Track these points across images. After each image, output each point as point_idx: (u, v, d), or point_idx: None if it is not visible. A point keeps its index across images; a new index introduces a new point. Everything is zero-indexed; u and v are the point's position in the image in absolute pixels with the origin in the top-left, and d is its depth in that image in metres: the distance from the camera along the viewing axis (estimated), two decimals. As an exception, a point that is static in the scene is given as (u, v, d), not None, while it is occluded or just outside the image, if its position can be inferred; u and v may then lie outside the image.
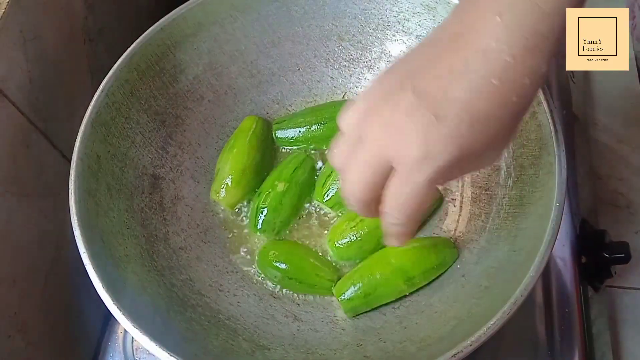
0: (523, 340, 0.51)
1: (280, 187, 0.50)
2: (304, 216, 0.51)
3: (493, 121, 0.30)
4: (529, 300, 0.42)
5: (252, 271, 0.49)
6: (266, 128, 0.54)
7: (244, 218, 0.51)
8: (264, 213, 0.49)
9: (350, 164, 0.33)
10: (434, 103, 0.29)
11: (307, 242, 0.50)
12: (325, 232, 0.50)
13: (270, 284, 0.48)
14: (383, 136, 0.31)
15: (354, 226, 0.48)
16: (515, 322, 0.38)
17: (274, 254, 0.48)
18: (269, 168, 0.53)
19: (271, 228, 0.50)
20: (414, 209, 0.32)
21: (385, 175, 0.32)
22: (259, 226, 0.49)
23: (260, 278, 0.49)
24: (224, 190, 0.50)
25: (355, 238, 0.47)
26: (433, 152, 0.30)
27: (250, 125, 0.53)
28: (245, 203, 0.52)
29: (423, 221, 0.50)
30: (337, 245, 0.48)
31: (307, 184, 0.51)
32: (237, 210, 0.52)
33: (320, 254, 0.49)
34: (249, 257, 0.50)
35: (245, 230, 0.51)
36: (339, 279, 0.47)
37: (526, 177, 0.45)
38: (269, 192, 0.50)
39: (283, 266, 0.47)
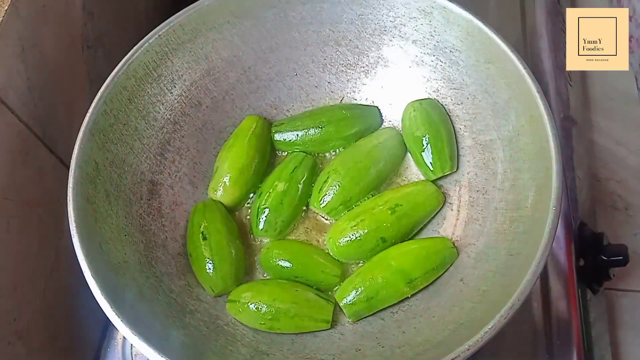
0: (522, 344, 0.51)
1: (280, 187, 0.50)
2: (305, 216, 0.51)
3: None
4: (527, 303, 0.42)
5: (251, 274, 0.49)
6: (266, 128, 0.54)
7: (244, 221, 0.52)
8: (265, 213, 0.49)
9: None
10: None
11: (308, 242, 0.50)
12: (326, 231, 0.50)
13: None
14: None
15: (355, 226, 0.48)
16: (514, 326, 0.38)
17: (278, 253, 0.48)
18: (268, 168, 0.53)
19: (273, 228, 0.50)
20: None
21: None
22: (261, 227, 0.50)
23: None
24: (221, 188, 0.50)
25: (355, 237, 0.48)
26: None
27: (250, 125, 0.53)
28: (244, 207, 0.52)
29: (422, 225, 0.50)
30: (337, 244, 0.48)
31: (307, 184, 0.51)
32: (236, 213, 0.52)
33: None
34: (249, 259, 0.50)
35: (245, 233, 0.51)
36: (343, 274, 0.48)
37: (523, 181, 0.45)
38: (270, 193, 0.50)
39: (288, 265, 0.48)
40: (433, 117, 0.51)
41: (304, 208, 0.52)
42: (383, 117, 0.55)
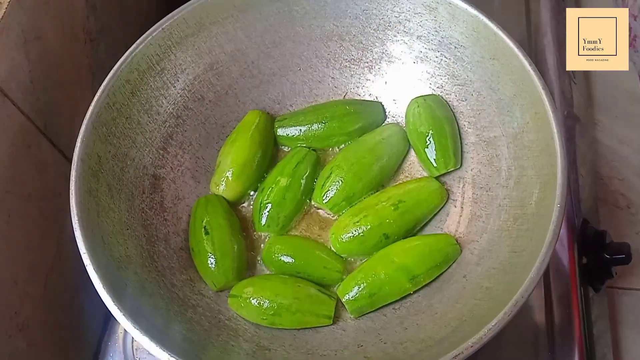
0: (524, 341, 0.51)
1: (283, 182, 0.50)
2: (307, 211, 0.51)
3: None
4: (529, 300, 0.42)
5: (253, 270, 0.49)
6: (269, 123, 0.54)
7: (246, 216, 0.51)
8: (268, 209, 0.49)
9: None
10: None
11: (311, 237, 0.50)
12: (328, 227, 0.50)
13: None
14: None
15: (357, 222, 0.48)
16: (516, 323, 0.38)
17: (280, 249, 0.48)
18: (271, 163, 0.53)
19: (275, 223, 0.49)
20: None
21: None
22: (263, 222, 0.49)
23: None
24: (224, 183, 0.50)
25: (357, 233, 0.47)
26: None
27: (253, 120, 0.53)
28: (246, 202, 0.52)
29: (425, 221, 0.50)
30: (339, 239, 0.48)
31: (310, 179, 0.51)
32: (239, 208, 0.52)
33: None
34: (251, 254, 0.50)
35: (247, 228, 0.51)
36: (345, 270, 0.48)
37: (527, 178, 0.45)
38: (272, 188, 0.50)
39: (290, 261, 0.47)
40: (437, 113, 0.51)
41: (307, 203, 0.51)
42: (387, 113, 0.55)
